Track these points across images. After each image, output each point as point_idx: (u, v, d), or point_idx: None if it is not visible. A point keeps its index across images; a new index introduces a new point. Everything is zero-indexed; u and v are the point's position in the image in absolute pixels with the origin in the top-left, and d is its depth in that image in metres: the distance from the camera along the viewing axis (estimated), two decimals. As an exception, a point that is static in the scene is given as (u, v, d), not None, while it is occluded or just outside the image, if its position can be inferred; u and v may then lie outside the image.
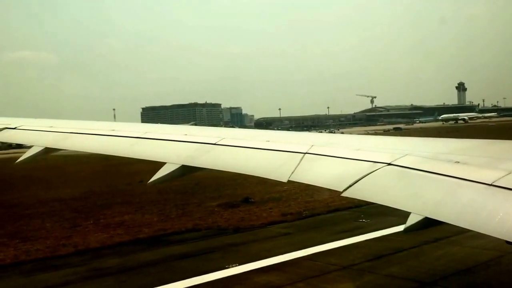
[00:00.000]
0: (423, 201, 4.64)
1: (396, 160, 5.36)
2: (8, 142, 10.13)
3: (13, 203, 34.82)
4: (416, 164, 5.17)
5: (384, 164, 5.34)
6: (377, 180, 5.12)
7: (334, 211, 25.18)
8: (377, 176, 5.15)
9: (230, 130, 9.24)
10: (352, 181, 5.15)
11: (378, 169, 5.28)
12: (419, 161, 5.24)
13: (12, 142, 9.22)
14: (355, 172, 5.28)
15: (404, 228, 4.55)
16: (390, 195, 4.96)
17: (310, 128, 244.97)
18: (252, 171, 6.20)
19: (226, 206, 28.09)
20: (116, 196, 35.39)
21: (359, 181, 5.10)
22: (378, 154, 5.61)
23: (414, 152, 5.53)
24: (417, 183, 4.92)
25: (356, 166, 5.42)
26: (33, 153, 7.75)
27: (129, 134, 7.77)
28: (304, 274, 15.14)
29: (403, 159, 5.36)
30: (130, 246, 20.17)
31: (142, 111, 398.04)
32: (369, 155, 5.63)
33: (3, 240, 22.25)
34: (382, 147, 6.06)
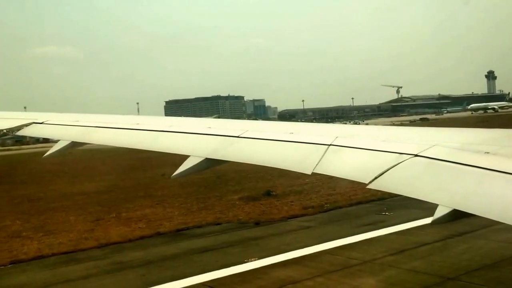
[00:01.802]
0: (451, 193, 4.53)
1: (423, 151, 5.23)
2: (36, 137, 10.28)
3: (39, 197, 35.43)
4: (444, 155, 5.03)
5: (410, 156, 5.21)
6: (403, 172, 5.01)
7: (356, 204, 24.88)
8: (403, 168, 5.04)
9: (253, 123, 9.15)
10: (378, 173, 5.03)
11: (405, 160, 5.15)
12: (447, 152, 5.09)
13: (39, 137, 9.35)
14: (381, 164, 5.16)
15: (431, 221, 4.43)
16: (417, 187, 4.85)
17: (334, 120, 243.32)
18: (275, 164, 6.11)
19: (247, 199, 28.03)
20: (138, 189, 35.65)
21: (385, 173, 4.99)
22: (404, 145, 5.49)
23: (442, 143, 5.37)
24: (445, 174, 4.80)
25: (382, 158, 5.30)
26: (60, 147, 7.82)
27: (153, 127, 7.79)
28: (324, 268, 14.95)
29: (431, 150, 5.21)
30: (151, 240, 20.24)
31: (165, 105, 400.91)
32: (395, 147, 5.51)
33: (28, 234, 22.61)
34: (409, 138, 5.94)
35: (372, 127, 7.39)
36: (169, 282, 14.49)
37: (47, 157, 7.77)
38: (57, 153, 7.88)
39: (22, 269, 17.17)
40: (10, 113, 9.85)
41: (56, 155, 7.86)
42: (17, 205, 32.28)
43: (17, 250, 19.59)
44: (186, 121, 8.90)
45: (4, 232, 23.45)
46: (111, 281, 15.20)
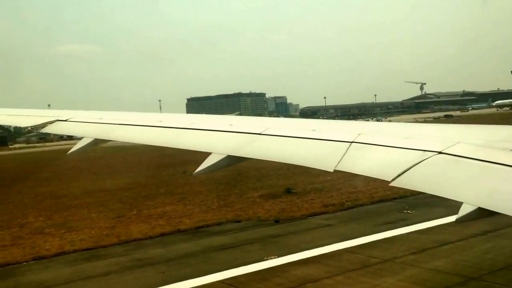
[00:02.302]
0: (476, 191, 4.44)
1: (447, 149, 5.13)
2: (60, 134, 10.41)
3: (62, 194, 35.94)
4: (469, 153, 4.92)
5: (434, 153, 5.12)
6: (427, 169, 4.93)
7: (378, 202, 24.60)
8: (427, 165, 4.96)
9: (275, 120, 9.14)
10: (401, 171, 4.94)
11: (429, 157, 5.06)
12: (471, 149, 4.99)
13: (63, 134, 9.45)
14: (404, 161, 5.08)
15: (456, 219, 4.35)
16: (441, 184, 4.77)
17: (357, 117, 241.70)
18: (297, 161, 6.08)
19: (267, 196, 27.96)
20: (160, 186, 35.86)
21: (408, 170, 4.91)
22: (428, 143, 5.40)
23: (467, 140, 5.27)
24: (469, 172, 4.71)
25: (405, 155, 5.22)
26: (83, 144, 7.89)
27: (175, 125, 7.82)
28: (344, 267, 14.78)
29: (455, 147, 5.11)
30: (171, 237, 20.31)
31: (187, 102, 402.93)
32: (418, 144, 5.42)
33: (50, 230, 22.91)
34: (432, 135, 5.85)
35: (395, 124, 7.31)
36: (188, 280, 14.48)
37: (70, 154, 7.82)
38: (80, 150, 7.97)
39: (45, 265, 17.38)
40: (35, 111, 9.95)
41: (79, 152, 7.95)
42: (41, 202, 32.79)
43: (39, 246, 19.86)
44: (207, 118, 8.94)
45: (28, 228, 23.82)
46: (131, 278, 15.28)
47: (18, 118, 9.78)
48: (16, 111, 10.25)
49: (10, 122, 10.80)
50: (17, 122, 9.87)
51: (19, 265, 17.57)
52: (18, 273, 16.70)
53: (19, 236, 22.08)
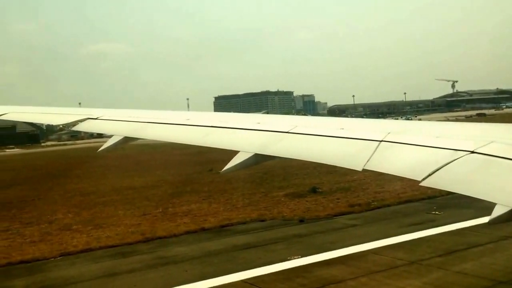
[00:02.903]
0: (510, 192, 4.30)
1: (480, 148, 4.98)
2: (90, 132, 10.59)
3: (91, 191, 36.46)
4: (503, 152, 4.77)
5: (466, 152, 4.97)
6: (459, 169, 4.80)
7: (405, 203, 24.20)
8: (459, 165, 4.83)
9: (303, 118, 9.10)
10: (431, 170, 4.82)
11: (460, 157, 4.93)
12: (505, 149, 4.83)
13: (93, 132, 9.60)
14: (435, 161, 4.97)
15: (489, 220, 4.21)
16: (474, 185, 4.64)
17: (386, 115, 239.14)
18: (325, 160, 6.00)
19: (292, 196, 27.81)
20: (186, 184, 36.05)
21: (439, 170, 4.79)
22: (460, 142, 5.27)
23: (500, 139, 5.12)
24: (503, 172, 4.55)
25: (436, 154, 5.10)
26: (113, 142, 8.00)
27: (203, 123, 7.82)
28: (369, 268, 14.55)
29: (488, 146, 4.96)
30: (196, 235, 20.35)
31: (215, 100, 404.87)
32: (450, 143, 5.30)
33: (78, 227, 23.24)
34: (464, 134, 5.71)
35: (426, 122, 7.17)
36: (210, 279, 14.46)
37: (101, 152, 7.91)
38: (110, 148, 8.08)
39: (71, 262, 17.61)
40: (66, 109, 10.13)
41: (109, 150, 8.05)
42: (70, 198, 33.31)
43: (67, 243, 20.15)
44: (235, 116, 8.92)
45: (56, 225, 24.21)
46: (155, 276, 15.34)
47: (50, 116, 9.93)
48: (48, 110, 10.45)
49: (42, 120, 11.03)
50: (49, 120, 10.01)
51: (47, 261, 17.85)
52: (45, 269, 16.97)
53: (48, 232, 22.46)
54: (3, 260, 17.96)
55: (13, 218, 26.87)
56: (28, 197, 35.20)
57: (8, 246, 20.10)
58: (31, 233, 22.49)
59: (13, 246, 20.18)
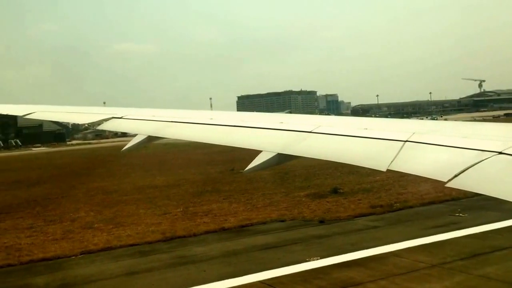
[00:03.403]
0: None
1: (508, 149, 4.85)
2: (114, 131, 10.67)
3: (113, 189, 36.82)
4: None
5: (494, 153, 4.82)
6: (486, 170, 4.65)
7: (428, 204, 23.81)
8: (486, 166, 4.68)
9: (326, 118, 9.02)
10: (457, 171, 4.69)
11: (488, 158, 4.77)
12: None
13: (118, 131, 9.67)
14: (461, 161, 4.83)
15: None
16: (501, 186, 4.48)
17: (410, 115, 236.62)
18: (349, 160, 5.90)
19: (313, 196, 27.60)
20: (207, 184, 36.13)
21: (466, 171, 4.65)
22: (487, 142, 5.11)
23: None
24: None
25: (463, 155, 4.95)
26: (137, 141, 8.02)
27: (226, 122, 7.81)
28: (389, 271, 14.31)
29: None
30: (215, 235, 20.33)
31: (238, 100, 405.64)
32: (477, 143, 5.14)
33: (99, 225, 23.46)
34: (492, 135, 5.56)
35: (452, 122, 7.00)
36: (228, 279, 14.41)
37: (125, 151, 7.96)
38: (134, 147, 8.12)
39: (91, 260, 17.76)
40: (91, 108, 10.22)
41: (133, 149, 8.09)
42: (93, 197, 33.68)
43: (88, 241, 20.33)
44: (258, 116, 8.89)
45: (78, 223, 24.48)
46: (173, 275, 15.36)
47: (76, 115, 10.03)
48: (74, 109, 10.57)
49: (68, 119, 11.11)
50: (75, 119, 10.10)
51: (68, 258, 18.04)
52: (66, 266, 17.14)
53: (70, 230, 22.72)
54: (26, 257, 18.22)
55: (37, 216, 27.29)
56: (52, 195, 35.74)
57: (31, 244, 20.38)
58: (53, 231, 22.78)
59: (35, 243, 20.45)
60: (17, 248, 19.76)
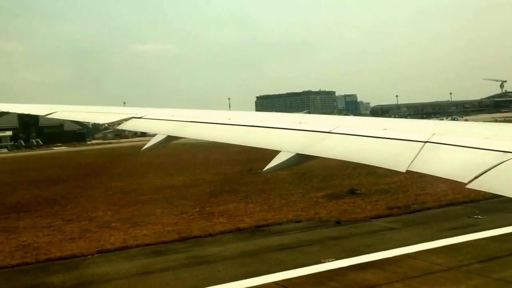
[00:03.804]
0: None
1: None
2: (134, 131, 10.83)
3: (131, 189, 37.09)
4: None
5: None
6: (508, 172, 4.60)
7: (446, 206, 23.51)
8: (508, 167, 4.63)
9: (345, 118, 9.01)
10: (478, 172, 4.63)
11: (509, 159, 4.72)
12: None
13: (137, 131, 9.76)
14: (482, 163, 4.79)
15: None
16: None
17: (430, 116, 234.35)
18: (368, 160, 5.89)
19: (330, 197, 27.45)
20: (224, 184, 36.19)
21: (487, 172, 4.62)
22: (509, 143, 5.07)
23: None
24: None
25: (484, 156, 4.91)
26: (157, 141, 8.07)
27: (245, 122, 7.82)
28: (404, 273, 14.15)
29: None
30: (230, 235, 20.34)
31: (256, 100, 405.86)
32: (498, 144, 5.10)
33: (116, 225, 23.64)
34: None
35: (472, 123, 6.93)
36: (242, 280, 14.40)
37: (144, 151, 8.04)
38: (153, 147, 8.18)
39: (107, 259, 17.91)
40: (111, 108, 10.33)
41: (152, 148, 8.14)
42: (111, 196, 33.96)
43: (105, 240, 20.51)
44: (277, 116, 8.89)
45: (96, 222, 24.70)
46: (187, 275, 15.40)
47: (97, 115, 10.15)
48: (94, 109, 10.69)
49: (89, 119, 11.26)
50: (95, 119, 10.20)
51: (84, 257, 18.22)
52: (82, 265, 17.31)
53: (87, 230, 22.93)
54: (43, 256, 18.45)
55: (56, 215, 27.62)
56: (71, 194, 36.15)
57: (49, 243, 20.63)
58: (71, 230, 23.03)
59: (53, 242, 20.70)
60: (35, 246, 20.03)
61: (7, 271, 17.05)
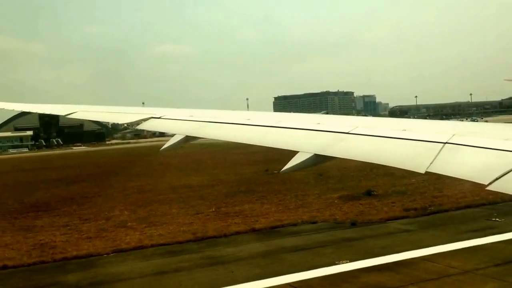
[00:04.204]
0: None
1: None
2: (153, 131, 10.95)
3: (148, 189, 37.36)
4: None
5: None
6: None
7: (464, 208, 23.19)
8: None
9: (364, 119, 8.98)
10: (499, 174, 4.58)
11: None
12: None
13: (156, 131, 9.85)
14: (503, 164, 4.74)
15: None
16: None
17: (450, 117, 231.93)
18: (387, 161, 5.88)
19: (346, 198, 27.29)
20: (241, 184, 36.25)
21: (508, 174, 4.56)
22: None
23: None
24: None
25: (505, 158, 4.86)
26: (175, 141, 8.11)
27: (263, 123, 7.82)
28: (419, 276, 13.98)
29: None
30: (245, 236, 20.34)
31: (274, 101, 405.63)
32: None
33: (132, 224, 23.82)
34: None
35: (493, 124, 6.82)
36: (255, 281, 14.38)
37: (163, 151, 8.12)
38: (172, 147, 8.24)
39: (122, 258, 18.03)
40: (130, 108, 10.41)
41: (171, 148, 8.20)
42: (128, 196, 34.26)
43: (120, 239, 20.66)
44: (295, 116, 8.88)
45: (112, 222, 24.91)
46: (200, 276, 15.43)
47: (116, 115, 10.24)
48: (114, 109, 10.78)
49: (109, 119, 11.39)
50: (115, 119, 10.30)
51: (100, 257, 18.38)
52: (97, 264, 17.46)
53: (104, 229, 23.14)
54: (59, 255, 18.65)
55: (73, 214, 27.96)
56: (89, 194, 36.55)
57: (66, 242, 20.86)
58: (88, 229, 23.26)
59: (70, 241, 20.93)
60: (51, 245, 20.27)
61: (24, 270, 17.28)
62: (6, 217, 28.38)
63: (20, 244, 20.84)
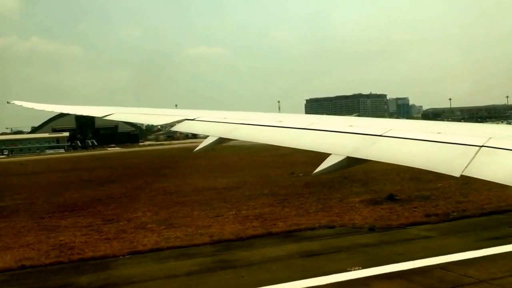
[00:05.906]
0: None
1: None
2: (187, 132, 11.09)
3: (174, 190, 37.69)
4: None
5: None
6: None
7: (488, 214, 22.51)
8: None
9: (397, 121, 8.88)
10: None
11: None
12: None
13: (190, 132, 10.01)
14: None
15: None
16: None
17: (485, 120, 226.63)
18: (420, 164, 5.83)
19: (368, 202, 26.87)
20: (265, 187, 36.17)
21: None
22: None
23: None
24: None
25: None
26: (209, 142, 8.18)
27: (295, 125, 7.81)
28: (431, 285, 13.63)
29: None
30: (261, 240, 20.23)
31: (306, 103, 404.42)
32: None
33: (152, 226, 24.01)
34: None
35: None
36: (264, 286, 14.26)
37: (197, 152, 8.23)
38: (205, 148, 8.36)
39: (137, 261, 18.17)
40: (165, 110, 10.51)
41: (204, 150, 8.29)
42: (153, 197, 34.63)
43: (138, 241, 20.83)
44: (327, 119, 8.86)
45: (133, 223, 25.19)
46: (210, 280, 15.40)
47: (150, 117, 10.41)
48: (148, 111, 10.93)
49: (143, 121, 11.67)
50: (149, 120, 10.50)
51: (115, 258, 18.57)
52: (112, 266, 17.64)
53: (123, 230, 23.41)
54: (76, 256, 18.94)
55: (97, 215, 28.42)
56: (116, 195, 37.13)
57: (84, 242, 21.18)
58: (108, 230, 23.57)
59: (88, 242, 21.23)
60: (70, 246, 20.60)
61: (40, 270, 17.62)
62: (34, 217, 29.09)
63: (41, 244, 21.28)
